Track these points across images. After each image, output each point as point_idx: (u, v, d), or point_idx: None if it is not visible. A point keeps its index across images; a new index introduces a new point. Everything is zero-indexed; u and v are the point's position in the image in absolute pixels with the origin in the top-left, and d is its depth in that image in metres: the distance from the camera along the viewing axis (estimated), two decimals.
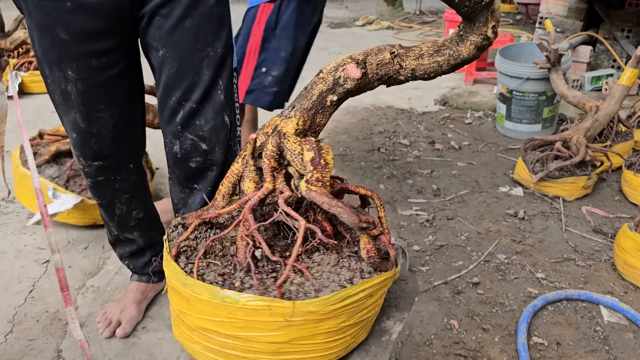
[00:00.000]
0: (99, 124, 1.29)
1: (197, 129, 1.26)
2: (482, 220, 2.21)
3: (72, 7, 1.14)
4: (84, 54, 1.20)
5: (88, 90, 1.24)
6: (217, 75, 1.24)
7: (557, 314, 1.66)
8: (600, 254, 1.98)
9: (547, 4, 4.14)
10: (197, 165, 1.29)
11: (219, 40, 1.22)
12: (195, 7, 1.17)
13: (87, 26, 1.16)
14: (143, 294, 1.64)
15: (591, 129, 2.40)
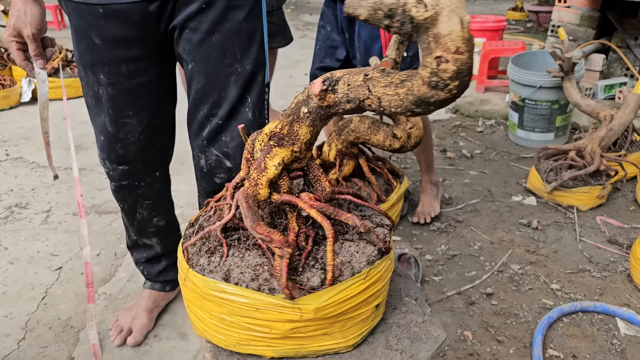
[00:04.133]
0: (126, 129, 1.31)
1: (222, 145, 1.25)
2: (495, 230, 2.20)
3: (104, 14, 1.15)
4: (114, 59, 1.21)
5: (117, 95, 1.26)
6: (246, 92, 1.22)
7: (573, 326, 1.64)
8: (616, 265, 1.95)
9: (559, 12, 4.12)
10: (222, 181, 1.29)
11: (248, 56, 1.20)
12: (223, 22, 1.16)
13: (117, 33, 1.18)
14: (155, 302, 1.64)
15: (605, 138, 2.38)
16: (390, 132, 1.86)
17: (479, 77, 3.89)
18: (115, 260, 1.95)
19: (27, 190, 2.48)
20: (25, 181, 2.58)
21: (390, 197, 2.05)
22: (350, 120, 1.97)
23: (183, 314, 1.68)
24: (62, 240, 2.07)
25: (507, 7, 9.23)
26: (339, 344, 0.89)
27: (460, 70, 0.69)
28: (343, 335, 0.88)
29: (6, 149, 2.98)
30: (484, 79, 3.87)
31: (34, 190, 2.47)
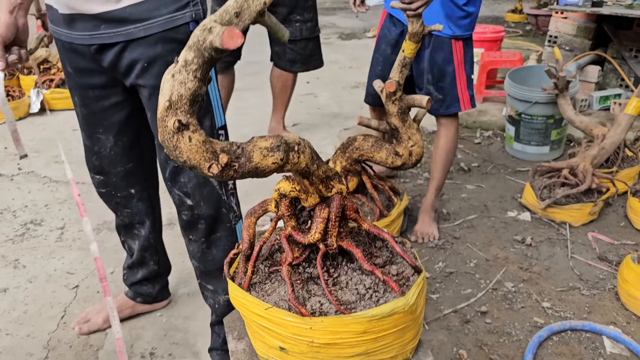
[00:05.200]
0: (99, 144, 1.50)
1: (182, 186, 1.37)
2: (490, 247, 2.30)
3: (70, 48, 1.33)
4: (83, 85, 1.40)
5: (88, 115, 1.46)
6: None
7: (562, 345, 1.74)
8: (605, 282, 2.05)
9: (556, 22, 4.21)
10: (187, 218, 1.41)
11: None
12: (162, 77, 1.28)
13: (81, 64, 1.35)
14: (120, 308, 1.79)
15: (597, 157, 2.47)
16: (393, 149, 1.96)
17: (477, 88, 3.98)
18: None
19: (40, 207, 2.58)
20: (39, 196, 2.68)
21: (392, 213, 2.15)
22: (355, 138, 2.07)
23: (195, 333, 1.78)
24: (77, 258, 2.17)
25: (507, 7, 9.29)
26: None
27: None
28: None
29: (18, 162, 3.08)
30: (482, 90, 3.96)
31: (47, 207, 2.57)
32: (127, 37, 1.25)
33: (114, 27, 1.25)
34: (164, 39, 1.25)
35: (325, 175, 0.98)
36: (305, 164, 0.97)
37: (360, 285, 1.02)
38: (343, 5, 9.26)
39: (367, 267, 0.99)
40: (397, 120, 1.89)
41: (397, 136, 1.94)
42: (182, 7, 1.26)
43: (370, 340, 0.97)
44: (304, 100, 4.20)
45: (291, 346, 0.98)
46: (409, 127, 1.90)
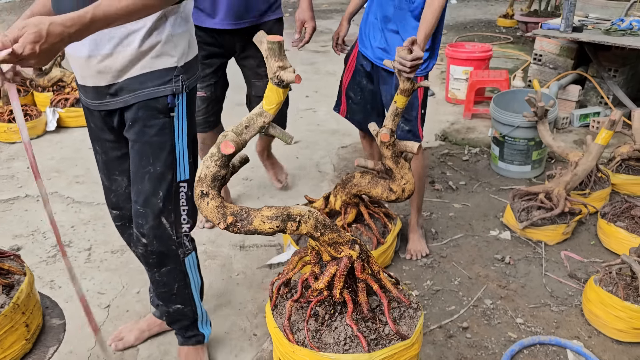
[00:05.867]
0: (116, 184, 1.77)
1: (139, 226, 1.66)
2: (473, 265, 2.57)
3: (86, 108, 1.64)
4: (101, 138, 1.69)
5: (107, 161, 1.74)
6: (157, 187, 1.61)
7: (531, 357, 2.02)
8: (573, 298, 2.33)
9: (541, 42, 4.47)
10: (140, 254, 1.72)
11: (158, 160, 1.59)
12: (141, 136, 1.57)
13: (97, 122, 1.65)
14: (149, 326, 2.08)
15: (570, 182, 2.75)
16: (387, 186, 2.23)
17: (466, 105, 4.25)
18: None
19: (67, 228, 2.84)
20: (64, 217, 2.94)
21: (387, 239, 2.43)
22: (353, 175, 2.34)
23: (214, 347, 2.05)
24: (105, 278, 2.43)
25: (499, 9, 9.52)
26: None
27: None
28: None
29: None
30: (470, 107, 4.23)
31: (73, 228, 2.83)
32: (124, 104, 1.54)
33: (114, 97, 1.54)
34: (146, 107, 1.54)
35: (333, 241, 1.24)
36: (307, 231, 1.24)
37: (342, 333, 1.30)
38: (340, 7, 9.48)
39: (348, 321, 1.27)
40: (391, 163, 2.15)
41: (392, 175, 2.20)
42: (165, 82, 1.54)
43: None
44: (304, 115, 4.46)
45: (284, 357, 1.28)
46: (401, 168, 2.17)
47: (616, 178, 3.12)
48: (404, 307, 1.35)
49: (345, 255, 1.26)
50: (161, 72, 1.53)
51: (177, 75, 1.55)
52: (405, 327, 1.33)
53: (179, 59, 1.55)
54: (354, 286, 1.30)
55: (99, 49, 1.46)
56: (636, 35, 3.76)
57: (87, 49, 1.46)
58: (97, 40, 1.44)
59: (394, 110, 2.12)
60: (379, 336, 1.31)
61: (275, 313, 1.33)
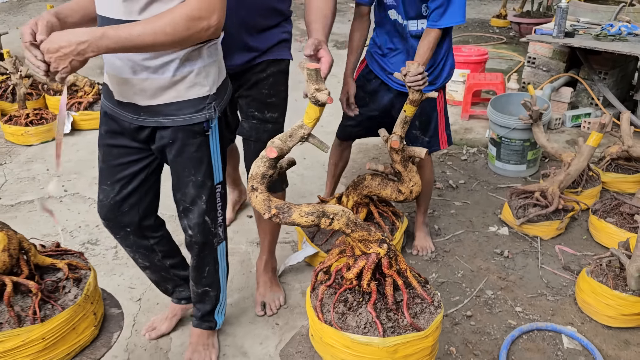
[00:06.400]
0: (104, 194, 1.90)
1: (188, 220, 1.88)
2: (474, 259, 2.77)
3: (110, 117, 1.75)
4: (109, 144, 1.80)
5: (104, 168, 1.85)
6: (200, 192, 1.81)
7: (529, 342, 2.22)
8: (567, 289, 2.54)
9: (535, 45, 4.67)
10: (187, 241, 1.94)
11: (199, 171, 1.78)
12: (181, 153, 1.74)
13: (116, 129, 1.77)
14: (173, 312, 2.28)
15: (564, 182, 2.95)
16: (396, 187, 2.43)
17: (463, 106, 4.45)
18: None
19: (92, 227, 3.01)
20: (88, 217, 3.11)
21: (395, 236, 2.63)
22: (364, 177, 2.53)
23: (242, 336, 2.24)
24: (134, 274, 2.61)
25: (493, 9, 9.72)
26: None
27: None
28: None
29: (62, 184, 3.50)
30: (468, 108, 4.43)
31: (98, 227, 3.01)
32: (158, 124, 1.70)
33: (149, 116, 1.69)
34: (184, 130, 1.70)
35: (363, 238, 1.43)
36: (339, 228, 1.43)
37: (364, 319, 1.49)
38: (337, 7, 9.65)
39: (369, 308, 1.46)
40: (401, 167, 2.34)
41: (400, 178, 2.39)
42: (199, 110, 1.69)
43: (348, 354, 1.44)
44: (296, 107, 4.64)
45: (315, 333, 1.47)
46: (409, 171, 2.36)
47: (606, 176, 3.33)
48: (426, 304, 1.53)
49: (373, 252, 1.45)
50: (195, 101, 1.66)
51: (210, 103, 1.69)
52: (423, 321, 1.52)
53: (211, 87, 1.69)
54: (382, 280, 1.49)
55: (137, 74, 1.60)
56: (625, 41, 3.96)
57: (126, 73, 1.61)
58: (134, 67, 1.59)
59: (403, 119, 2.31)
60: (397, 325, 1.50)
61: (312, 295, 1.52)
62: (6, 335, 1.31)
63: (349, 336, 1.42)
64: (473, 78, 4.42)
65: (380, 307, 1.49)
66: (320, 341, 1.47)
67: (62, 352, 1.42)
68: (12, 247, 1.39)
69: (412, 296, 1.52)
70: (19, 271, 1.42)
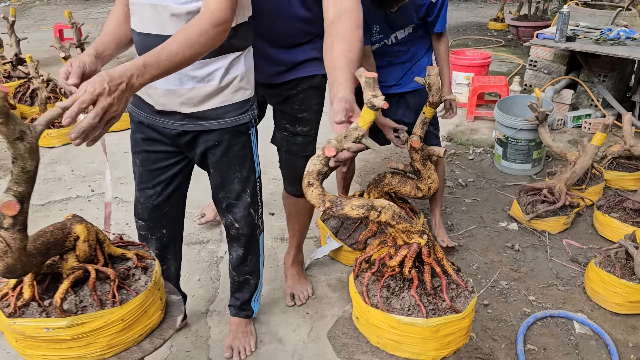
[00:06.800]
0: (145, 196, 2.00)
1: (234, 215, 2.01)
2: (487, 252, 2.94)
3: (147, 125, 1.84)
4: (147, 150, 1.90)
5: (143, 173, 1.94)
6: (245, 186, 1.95)
7: (544, 327, 2.39)
8: (575, 279, 2.71)
9: (536, 49, 4.85)
10: (234, 234, 2.07)
11: (244, 167, 1.91)
12: (227, 153, 1.86)
13: (153, 136, 1.86)
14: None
15: (570, 179, 3.12)
16: (415, 185, 2.59)
17: (468, 108, 4.62)
18: (213, 283, 2.65)
19: (123, 225, 3.16)
20: (118, 215, 3.25)
21: None
22: (384, 176, 2.69)
23: (275, 324, 2.39)
24: None
25: (490, 12, 9.93)
26: None
27: None
28: None
29: (89, 184, 3.64)
30: (473, 110, 4.60)
31: (128, 225, 3.15)
32: (204, 128, 1.80)
33: (194, 121, 1.79)
34: (230, 131, 1.83)
35: (406, 229, 1.59)
36: (386, 220, 1.59)
37: (407, 303, 1.64)
38: None
39: (413, 292, 1.62)
40: (420, 165, 2.50)
41: (419, 176, 2.56)
42: (244, 112, 1.83)
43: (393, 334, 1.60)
44: None
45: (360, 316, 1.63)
46: (428, 169, 2.52)
47: (608, 174, 3.50)
48: (461, 289, 1.69)
49: (415, 242, 1.60)
50: (240, 103, 1.79)
51: (252, 104, 1.85)
52: (459, 305, 1.67)
53: (252, 90, 1.85)
54: (421, 267, 1.65)
55: (183, 84, 1.71)
56: (624, 45, 4.15)
57: (171, 84, 1.70)
58: (181, 78, 1.69)
59: (423, 120, 2.47)
60: (437, 308, 1.65)
61: (356, 282, 1.67)
62: (91, 316, 1.45)
63: (394, 317, 1.57)
64: (478, 81, 4.59)
65: (420, 292, 1.64)
66: (366, 323, 1.62)
67: (136, 333, 1.54)
68: (90, 238, 1.53)
69: (448, 282, 1.68)
70: (96, 260, 1.56)
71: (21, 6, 11.80)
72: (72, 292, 1.49)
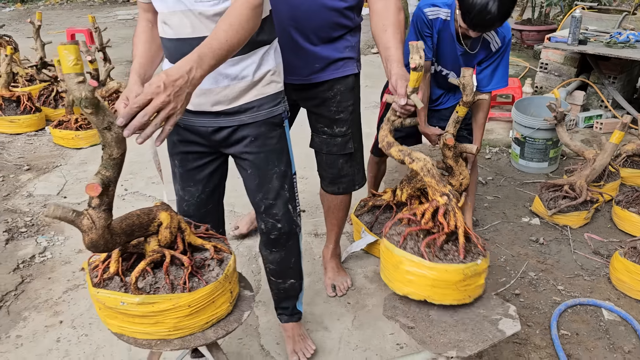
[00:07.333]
0: (189, 194, 2.00)
1: (274, 216, 1.96)
2: (513, 246, 3.07)
3: (183, 126, 1.87)
4: (184, 151, 1.91)
5: (183, 173, 1.96)
6: (283, 182, 1.92)
7: (574, 315, 2.52)
8: (600, 270, 2.84)
9: (547, 52, 5.00)
10: (275, 237, 2.01)
11: (281, 161, 1.90)
12: (264, 147, 1.85)
13: (190, 137, 1.88)
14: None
15: (589, 176, 3.26)
16: (447, 180, 2.71)
17: None
18: (255, 276, 2.77)
19: None
20: None
21: None
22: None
23: (320, 314, 2.51)
24: None
25: None
26: None
27: None
28: None
29: (121, 183, 3.74)
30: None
31: None
32: (239, 122, 1.85)
33: (229, 117, 1.78)
34: (266, 123, 1.87)
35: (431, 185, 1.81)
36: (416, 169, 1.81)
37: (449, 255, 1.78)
38: None
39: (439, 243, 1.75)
40: (452, 162, 2.63)
41: (451, 172, 2.68)
42: (277, 103, 1.88)
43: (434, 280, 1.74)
44: None
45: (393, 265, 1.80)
46: (460, 166, 2.64)
47: (623, 172, 3.64)
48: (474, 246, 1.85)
49: (435, 200, 1.78)
50: (273, 96, 1.82)
51: (284, 97, 1.90)
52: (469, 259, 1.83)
53: (282, 83, 1.90)
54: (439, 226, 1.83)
55: (218, 83, 1.71)
56: (634, 48, 4.30)
57: (207, 84, 1.70)
58: (216, 77, 1.70)
59: (455, 119, 2.59)
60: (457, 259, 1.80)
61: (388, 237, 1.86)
62: (161, 298, 1.54)
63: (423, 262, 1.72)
64: None
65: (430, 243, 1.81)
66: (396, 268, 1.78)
67: (202, 320, 1.63)
68: (172, 225, 1.64)
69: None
70: (176, 247, 1.67)
71: (26, 11, 11.88)
72: (150, 273, 1.59)
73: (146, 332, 1.58)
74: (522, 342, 2.36)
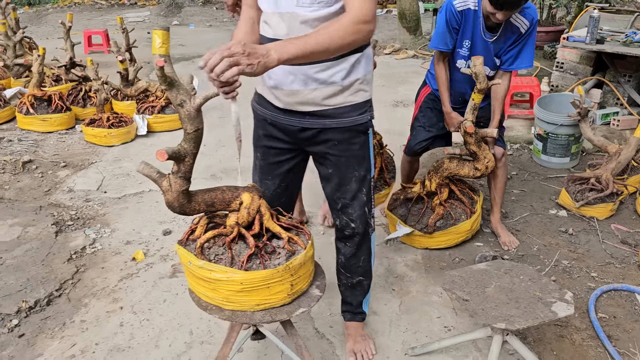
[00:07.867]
0: (265, 187, 2.08)
1: (349, 215, 2.04)
2: (544, 236, 3.19)
3: (270, 122, 1.95)
4: (266, 145, 2.01)
5: (264, 166, 2.06)
6: (361, 185, 1.99)
7: (609, 299, 2.64)
8: (629, 259, 2.96)
9: (563, 51, 5.13)
10: (349, 234, 2.10)
11: (362, 166, 1.97)
12: (346, 151, 1.92)
13: (274, 133, 1.96)
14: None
15: (615, 169, 3.39)
16: (473, 166, 2.83)
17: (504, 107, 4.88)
18: None
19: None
20: None
21: (477, 208, 3.02)
22: (443, 162, 2.94)
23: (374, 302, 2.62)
24: None
25: None
26: None
27: None
28: None
29: None
30: (507, 109, 4.86)
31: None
32: (323, 126, 1.93)
33: (315, 119, 1.85)
34: (350, 130, 1.94)
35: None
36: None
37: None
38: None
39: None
40: (475, 147, 2.75)
41: (476, 157, 2.80)
42: (362, 112, 1.94)
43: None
44: None
45: None
46: (483, 150, 2.76)
47: None
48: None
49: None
50: (359, 104, 1.87)
51: (370, 105, 1.97)
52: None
53: (371, 91, 1.97)
54: None
55: (307, 86, 1.78)
56: None
57: (297, 85, 1.79)
58: (306, 80, 1.77)
59: (473, 106, 2.70)
60: None
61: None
62: (218, 268, 1.64)
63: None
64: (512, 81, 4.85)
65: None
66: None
67: (252, 301, 1.68)
68: (251, 207, 1.74)
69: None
70: (252, 227, 1.77)
71: (36, 14, 11.97)
72: (220, 244, 1.72)
73: (206, 296, 1.72)
74: (563, 324, 2.47)
